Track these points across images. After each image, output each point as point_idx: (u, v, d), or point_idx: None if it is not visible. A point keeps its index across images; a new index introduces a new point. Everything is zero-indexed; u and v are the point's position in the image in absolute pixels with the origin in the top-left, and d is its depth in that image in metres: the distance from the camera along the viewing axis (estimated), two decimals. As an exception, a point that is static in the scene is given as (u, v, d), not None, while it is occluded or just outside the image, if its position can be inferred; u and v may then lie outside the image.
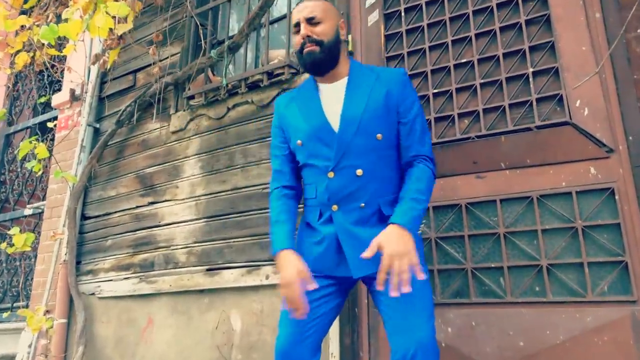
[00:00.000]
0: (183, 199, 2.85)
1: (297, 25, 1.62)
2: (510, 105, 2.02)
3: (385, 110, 1.59)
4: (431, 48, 2.25)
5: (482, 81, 2.09)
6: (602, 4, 1.93)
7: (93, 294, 3.13)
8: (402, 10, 2.36)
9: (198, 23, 3.06)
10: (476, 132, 2.06)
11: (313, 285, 1.49)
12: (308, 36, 1.58)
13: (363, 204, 1.57)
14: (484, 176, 2.03)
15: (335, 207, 1.58)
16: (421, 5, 2.32)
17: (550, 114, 1.94)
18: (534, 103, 1.96)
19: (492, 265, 1.93)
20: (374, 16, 2.42)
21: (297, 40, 1.62)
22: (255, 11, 2.34)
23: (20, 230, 3.50)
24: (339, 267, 1.59)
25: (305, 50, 1.59)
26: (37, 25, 3.81)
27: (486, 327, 1.89)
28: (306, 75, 2.36)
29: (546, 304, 1.82)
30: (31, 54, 3.91)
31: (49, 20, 3.52)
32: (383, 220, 1.56)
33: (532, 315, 1.83)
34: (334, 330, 2.17)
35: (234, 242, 2.58)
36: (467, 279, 1.97)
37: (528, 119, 1.98)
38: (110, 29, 2.70)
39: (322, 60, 1.60)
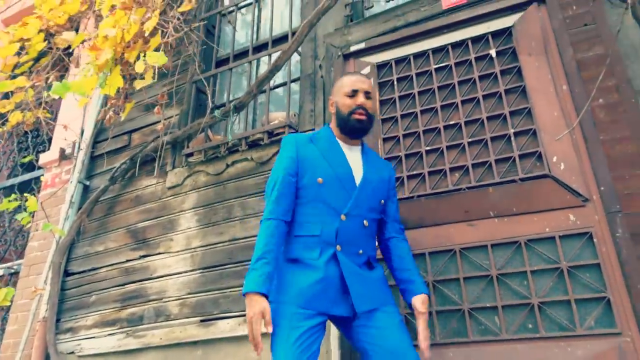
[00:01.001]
0: (177, 252, 2.89)
1: (355, 92, 1.88)
2: (496, 161, 2.27)
3: (384, 186, 1.96)
4: (422, 112, 2.52)
5: (470, 140, 2.36)
6: (567, 78, 2.28)
7: (72, 352, 2.99)
8: (395, 80, 2.66)
9: (198, 89, 3.28)
10: (467, 184, 2.28)
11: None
12: (363, 106, 1.87)
13: (361, 251, 1.82)
14: (475, 224, 2.22)
15: (339, 248, 1.76)
16: (412, 76, 2.63)
17: (532, 168, 2.20)
18: (517, 159, 2.22)
19: (487, 305, 2.07)
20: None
21: (349, 103, 1.88)
22: (266, 74, 2.57)
23: (-9, 290, 3.38)
24: (335, 306, 1.72)
25: (357, 116, 1.86)
26: (32, 87, 3.95)
27: (485, 365, 1.99)
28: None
29: (539, 339, 1.94)
30: (22, 115, 4.00)
31: (49, 81, 3.65)
32: (371, 269, 1.85)
33: (526, 351, 1.94)
34: (336, 374, 2.20)
35: (230, 292, 2.61)
36: (465, 319, 2.09)
37: (512, 173, 2.23)
38: (117, 89, 2.87)
39: (365, 130, 1.91)
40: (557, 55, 2.34)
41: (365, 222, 1.83)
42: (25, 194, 3.15)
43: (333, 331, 2.29)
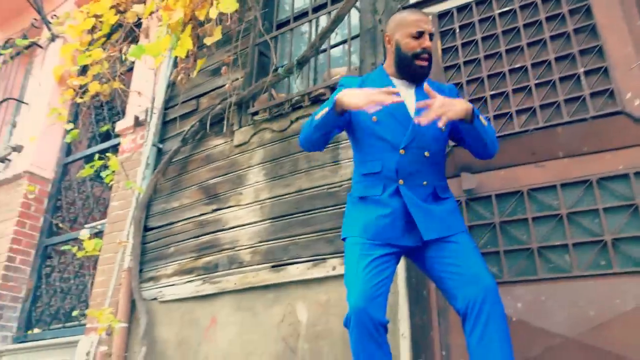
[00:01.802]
0: (247, 204, 3.04)
1: (420, 33, 1.80)
2: (565, 101, 2.23)
3: None
4: (486, 57, 2.50)
5: (537, 82, 2.32)
6: (642, 12, 2.19)
7: (155, 299, 3.25)
8: (457, 28, 2.64)
9: (261, 51, 3.39)
10: (534, 125, 2.26)
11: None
12: (428, 49, 1.81)
13: (426, 182, 1.82)
14: (543, 165, 2.20)
15: (401, 182, 1.79)
16: (474, 23, 2.60)
17: (603, 106, 2.15)
18: (587, 97, 2.18)
19: (557, 244, 2.07)
20: (431, 34, 2.70)
21: (413, 45, 1.81)
22: (329, 26, 2.64)
23: (79, 247, 3.71)
24: (403, 237, 1.78)
25: (421, 62, 1.81)
26: (107, 60, 4.21)
27: (555, 301, 2.00)
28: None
29: (613, 275, 1.93)
30: (100, 86, 4.28)
31: (122, 52, 3.89)
32: (437, 200, 1.84)
33: (600, 287, 1.94)
34: (403, 311, 2.28)
35: (298, 239, 2.73)
36: (534, 258, 2.10)
37: (583, 112, 2.18)
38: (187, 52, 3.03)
39: (426, 74, 1.87)
40: (632, -10, 2.24)
41: (426, 153, 1.81)
42: (107, 154, 3.40)
43: (400, 274, 2.36)
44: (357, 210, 1.86)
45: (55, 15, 5.48)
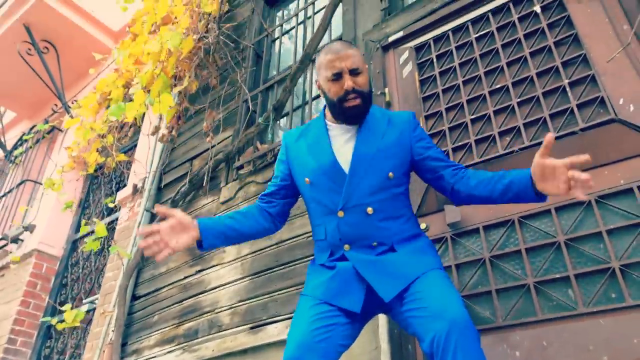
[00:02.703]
0: (229, 261, 2.83)
1: (338, 75, 1.51)
2: (551, 116, 1.99)
3: (398, 149, 1.58)
4: (465, 82, 2.33)
5: (519, 100, 2.11)
6: (627, 16, 1.99)
7: (136, 372, 2.98)
8: (434, 57, 2.50)
9: (249, 107, 3.34)
10: (519, 145, 2.01)
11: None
12: (354, 89, 1.51)
13: (375, 243, 1.52)
14: (533, 188, 1.92)
15: (347, 247, 1.53)
16: (451, 50, 2.46)
17: (594, 116, 1.89)
18: (575, 109, 1.94)
19: (557, 276, 1.73)
20: (408, 68, 2.57)
21: (335, 89, 1.53)
22: (297, 65, 2.55)
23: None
24: (339, 298, 1.48)
25: (349, 103, 1.52)
26: (112, 133, 4.29)
27: (560, 345, 1.63)
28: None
29: (626, 309, 1.57)
30: (102, 159, 4.33)
31: (127, 130, 3.95)
32: (397, 249, 1.53)
33: (612, 325, 1.57)
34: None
35: (278, 294, 2.47)
36: (531, 295, 1.76)
37: (571, 125, 1.93)
38: (179, 117, 3.01)
39: (363, 113, 1.57)
40: (614, -2, 2.06)
41: (369, 209, 1.51)
42: (93, 219, 3.32)
43: (382, 326, 2.04)
44: (311, 273, 1.63)
45: (75, 101, 5.77)
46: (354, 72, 1.52)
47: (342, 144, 1.59)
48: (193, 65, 2.71)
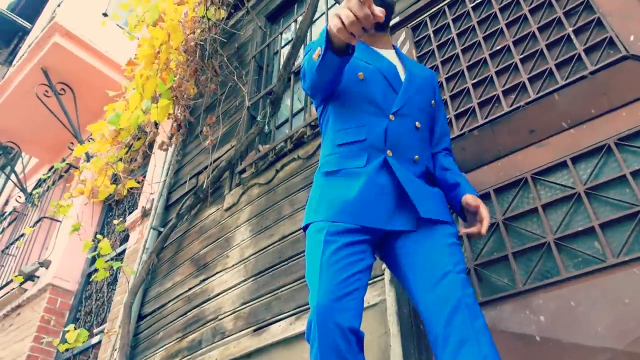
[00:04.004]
0: (233, 265, 2.68)
1: None
2: (557, 65, 1.84)
3: (431, 87, 1.61)
4: (463, 51, 2.21)
5: (521, 56, 1.97)
6: (630, -41, 1.86)
7: (140, 394, 2.79)
8: (431, 33, 2.40)
9: (252, 115, 3.28)
10: (525, 99, 1.85)
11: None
12: None
13: (417, 157, 1.47)
14: (545, 143, 1.75)
15: (390, 152, 1.40)
16: (448, 23, 2.35)
17: (604, 57, 1.73)
18: (582, 54, 1.78)
19: (580, 229, 1.53)
20: (406, 47, 2.47)
21: None
22: (290, 51, 2.48)
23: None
24: (391, 220, 1.35)
25: None
26: (121, 160, 4.28)
27: (591, 304, 1.41)
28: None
29: (664, 253, 1.36)
30: (113, 187, 4.30)
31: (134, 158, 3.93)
32: (430, 183, 1.52)
33: (649, 272, 1.35)
34: (397, 353, 1.71)
35: (281, 291, 2.29)
36: (552, 254, 1.55)
37: (580, 70, 1.77)
38: (178, 127, 2.96)
39: (389, 9, 1.51)
40: (612, -57, 1.94)
41: (417, 123, 1.48)
42: (97, 236, 3.23)
43: (390, 307, 1.84)
44: (326, 188, 1.41)
45: (91, 138, 5.85)
46: None
47: (389, 57, 1.55)
48: (189, 70, 2.68)
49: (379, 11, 1.02)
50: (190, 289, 2.91)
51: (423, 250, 1.35)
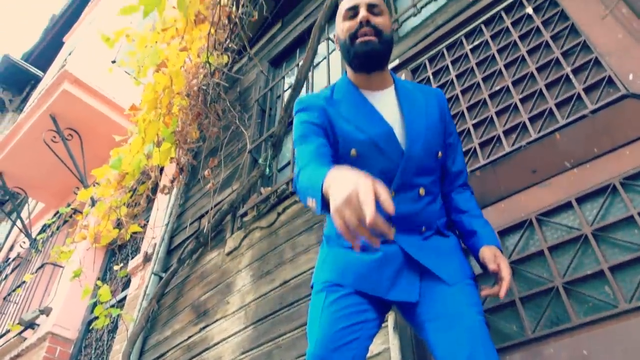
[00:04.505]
0: (233, 312, 2.60)
1: (354, 9, 1.35)
2: (557, 105, 1.83)
3: (441, 127, 1.43)
4: (463, 92, 2.21)
5: (521, 96, 1.96)
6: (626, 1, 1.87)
7: None
8: (430, 75, 2.41)
9: (254, 158, 3.28)
10: (527, 139, 1.83)
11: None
12: (368, 21, 1.32)
13: (424, 228, 1.35)
14: (548, 183, 1.71)
15: (394, 229, 1.30)
16: (446, 65, 2.37)
17: (603, 96, 1.72)
18: (582, 93, 1.77)
19: (589, 272, 1.47)
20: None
21: (349, 25, 1.34)
22: (290, 93, 2.49)
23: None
24: (392, 289, 1.28)
25: (361, 38, 1.32)
26: (125, 205, 4.27)
27: (605, 351, 1.34)
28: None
29: (678, 297, 1.29)
30: (116, 231, 4.28)
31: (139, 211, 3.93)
32: (442, 236, 1.39)
33: (664, 318, 1.28)
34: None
35: (282, 340, 2.21)
36: (561, 299, 1.49)
37: (580, 109, 1.75)
38: (180, 170, 2.96)
39: (379, 54, 1.34)
40: (606, -15, 1.97)
41: (421, 190, 1.34)
42: (98, 282, 3.18)
43: (390, 324, 1.77)
44: (330, 252, 1.38)
45: (96, 183, 5.88)
46: (372, 8, 1.35)
47: (384, 111, 1.36)
48: (192, 115, 2.70)
49: (383, 224, 0.85)
50: (189, 337, 2.82)
51: (440, 295, 1.28)
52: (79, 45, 6.71)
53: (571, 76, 1.84)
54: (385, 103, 1.38)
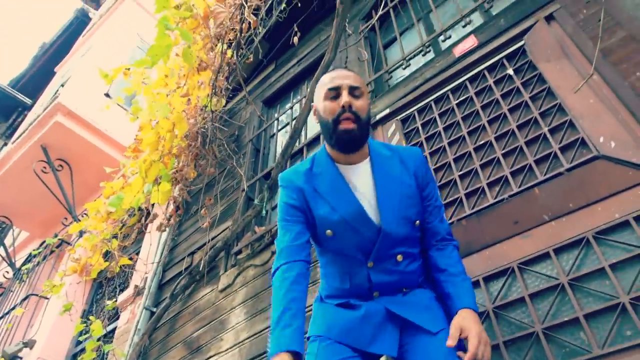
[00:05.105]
0: (227, 349, 2.67)
1: (336, 90, 1.42)
2: (536, 162, 2.00)
3: (417, 194, 1.51)
4: (450, 144, 2.38)
5: (503, 152, 2.13)
6: (596, 68, 2.08)
7: None
8: (419, 126, 2.59)
9: (249, 197, 3.40)
10: (508, 192, 1.99)
11: None
12: (350, 106, 1.40)
13: (405, 289, 1.49)
14: (529, 234, 1.86)
15: (376, 294, 1.48)
16: (434, 118, 2.55)
17: (577, 156, 1.90)
18: (558, 152, 1.95)
19: (566, 319, 1.61)
20: (396, 137, 2.65)
21: (332, 107, 1.42)
22: (287, 141, 2.64)
23: None
24: (372, 344, 1.41)
25: (343, 125, 1.40)
26: (115, 238, 4.32)
27: (580, 395, 1.46)
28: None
29: (645, 344, 1.43)
30: (106, 264, 4.31)
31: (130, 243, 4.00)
32: (422, 288, 1.52)
33: (632, 364, 1.42)
34: None
35: (277, 378, 2.29)
36: (541, 343, 1.62)
37: (557, 167, 1.93)
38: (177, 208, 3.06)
39: (358, 139, 1.42)
40: (579, 52, 2.18)
41: (398, 257, 1.45)
42: (90, 317, 3.21)
43: None
44: (321, 307, 1.54)
45: (85, 214, 5.90)
46: (353, 91, 1.42)
47: (361, 187, 1.45)
48: (190, 155, 2.83)
49: None
50: (182, 373, 2.88)
51: (423, 344, 1.38)
52: (73, 77, 6.83)
53: (548, 135, 2.02)
54: (360, 177, 1.47)
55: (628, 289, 1.54)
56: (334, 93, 1.43)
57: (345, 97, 1.41)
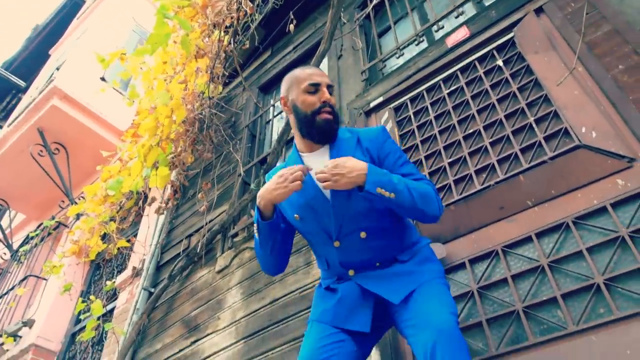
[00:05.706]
0: (224, 327, 2.78)
1: (316, 86, 1.52)
2: (521, 150, 2.10)
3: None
4: (440, 132, 2.46)
5: (491, 140, 2.22)
6: (581, 60, 2.16)
7: None
8: (411, 114, 2.67)
9: (245, 181, 3.48)
10: (495, 179, 2.09)
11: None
12: (330, 103, 1.52)
13: (378, 263, 1.54)
14: (513, 218, 1.97)
15: (352, 272, 1.56)
16: (426, 106, 2.63)
17: (560, 145, 1.99)
18: (542, 142, 2.04)
19: (545, 299, 1.72)
20: (389, 125, 2.73)
21: (312, 100, 1.51)
22: (283, 127, 2.71)
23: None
24: (348, 320, 1.51)
25: (323, 116, 1.50)
26: (113, 220, 4.40)
27: (555, 367, 1.58)
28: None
29: (615, 322, 1.54)
30: (104, 246, 4.40)
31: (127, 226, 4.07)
32: (400, 263, 1.54)
33: (604, 339, 1.54)
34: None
35: (272, 354, 2.40)
36: (521, 321, 1.73)
37: (541, 156, 2.02)
38: (175, 192, 3.14)
39: (335, 130, 1.53)
40: (566, 45, 2.26)
41: (362, 234, 1.50)
42: (91, 297, 3.31)
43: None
44: (318, 295, 1.67)
45: (82, 197, 5.96)
46: (330, 88, 1.55)
47: (317, 169, 1.48)
48: (188, 140, 2.90)
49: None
50: (180, 350, 2.98)
51: (412, 312, 1.46)
52: (68, 60, 6.82)
53: (534, 125, 2.11)
54: (317, 161, 1.54)
55: (603, 270, 1.65)
56: (314, 89, 1.52)
57: (326, 94, 1.52)
